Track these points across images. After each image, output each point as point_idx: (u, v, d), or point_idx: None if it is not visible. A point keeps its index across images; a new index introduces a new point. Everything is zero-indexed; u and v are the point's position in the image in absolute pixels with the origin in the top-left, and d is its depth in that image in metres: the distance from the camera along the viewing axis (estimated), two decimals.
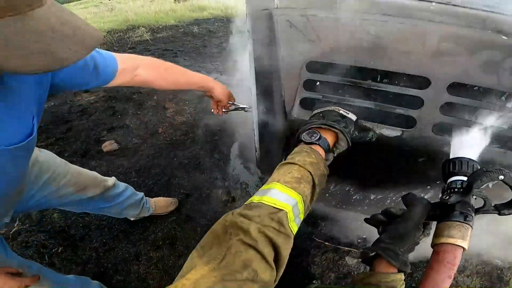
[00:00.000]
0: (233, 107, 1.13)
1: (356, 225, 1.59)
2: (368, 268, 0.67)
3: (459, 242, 0.52)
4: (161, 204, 1.72)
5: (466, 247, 0.52)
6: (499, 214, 0.58)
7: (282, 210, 0.56)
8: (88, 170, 1.22)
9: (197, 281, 0.41)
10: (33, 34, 0.39)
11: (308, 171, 0.63)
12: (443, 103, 0.75)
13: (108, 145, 2.15)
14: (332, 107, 0.77)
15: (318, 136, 0.70)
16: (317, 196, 0.66)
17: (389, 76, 0.78)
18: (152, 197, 1.72)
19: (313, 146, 0.69)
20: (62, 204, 1.15)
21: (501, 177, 0.56)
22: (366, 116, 0.82)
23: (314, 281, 1.51)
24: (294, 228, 0.58)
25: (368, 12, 0.74)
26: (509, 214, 0.58)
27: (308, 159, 0.65)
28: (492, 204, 0.58)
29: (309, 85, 0.86)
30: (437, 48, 0.70)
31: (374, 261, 0.64)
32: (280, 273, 0.53)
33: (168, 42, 4.05)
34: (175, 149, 2.18)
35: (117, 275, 1.52)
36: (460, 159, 0.64)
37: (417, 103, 0.77)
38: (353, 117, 0.76)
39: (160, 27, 4.61)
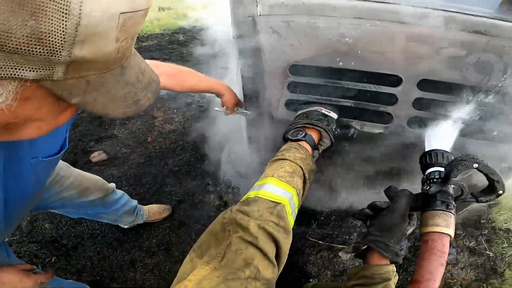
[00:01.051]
0: (238, 112, 1.16)
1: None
2: (362, 262, 0.68)
3: (444, 230, 0.54)
4: (154, 211, 1.73)
5: (452, 234, 0.54)
6: (477, 201, 0.61)
7: (280, 203, 0.56)
8: (90, 174, 1.24)
9: (199, 282, 0.40)
10: (128, 85, 0.40)
11: (299, 166, 0.65)
12: (414, 99, 0.81)
13: (97, 156, 2.14)
14: (315, 108, 0.82)
15: (304, 134, 0.73)
16: (307, 191, 0.67)
17: (366, 76, 0.84)
18: (144, 205, 1.73)
19: (300, 143, 0.72)
20: (64, 206, 1.16)
21: (476, 165, 0.59)
22: (347, 114, 0.87)
23: (311, 280, 1.53)
24: (292, 222, 0.58)
25: (343, 17, 0.79)
26: (486, 201, 0.61)
27: (298, 154, 0.67)
28: (469, 192, 0.61)
29: (292, 87, 0.90)
30: (405, 48, 0.76)
31: (366, 254, 0.66)
32: (281, 269, 0.53)
33: (154, 50, 4.05)
34: (165, 157, 2.19)
35: (114, 282, 1.52)
36: (435, 151, 0.68)
37: (393, 100, 0.83)
38: (334, 115, 0.81)
39: (145, 35, 4.60)
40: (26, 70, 0.30)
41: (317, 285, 1.47)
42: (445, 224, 0.55)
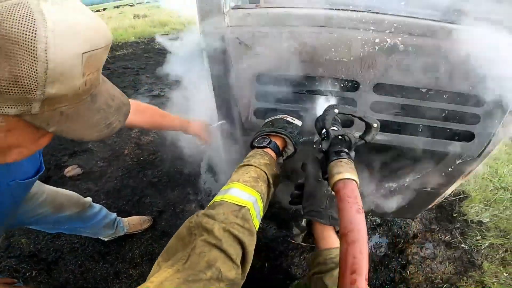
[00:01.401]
0: (214, 125, 1.16)
1: None
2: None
3: (346, 175, 0.55)
4: (135, 222, 1.71)
5: (355, 179, 0.55)
6: (365, 142, 0.67)
7: (244, 206, 0.58)
8: (64, 190, 1.23)
9: (161, 283, 0.41)
10: (99, 111, 0.45)
11: (264, 171, 0.68)
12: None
13: (71, 170, 2.08)
14: (280, 116, 0.85)
15: (268, 141, 0.76)
16: (272, 195, 0.70)
17: (327, 81, 0.88)
18: (124, 217, 1.70)
19: (266, 150, 0.75)
20: (39, 223, 1.15)
21: (336, 110, 0.67)
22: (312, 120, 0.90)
23: (296, 281, 1.56)
24: (257, 225, 0.60)
25: (304, 25, 0.83)
26: (372, 139, 0.67)
27: (263, 160, 0.70)
28: (357, 137, 0.67)
29: (260, 96, 0.93)
30: (361, 54, 0.80)
31: (313, 231, 0.69)
32: (247, 268, 0.55)
33: (129, 59, 3.99)
34: (143, 169, 2.15)
35: None
36: (317, 118, 0.72)
37: (353, 104, 0.87)
38: (299, 123, 0.85)
39: (120, 44, 4.53)
40: (8, 107, 0.35)
41: (300, 284, 1.49)
42: (344, 170, 0.56)
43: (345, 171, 0.56)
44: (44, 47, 0.33)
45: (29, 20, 0.33)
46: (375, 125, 0.65)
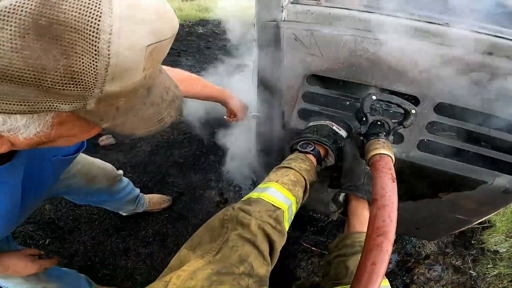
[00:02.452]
0: (251, 115, 1.16)
1: None
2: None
3: (382, 151, 0.60)
4: (155, 200, 1.74)
5: (390, 154, 0.60)
6: (404, 127, 0.71)
7: (280, 208, 0.58)
8: (100, 161, 1.23)
9: (193, 272, 0.41)
10: (153, 105, 0.41)
11: (303, 177, 0.67)
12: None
13: (105, 139, 2.16)
14: (327, 122, 0.81)
15: (312, 147, 0.75)
16: (304, 201, 0.69)
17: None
18: (146, 193, 1.73)
19: (308, 155, 0.74)
20: (69, 193, 1.16)
21: (374, 97, 0.71)
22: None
23: (299, 281, 1.54)
24: (287, 228, 0.60)
25: (367, 30, 0.78)
26: (410, 124, 0.70)
27: (304, 165, 0.69)
28: (394, 122, 0.72)
29: (308, 97, 0.89)
30: (429, 69, 0.74)
31: (347, 209, 0.72)
32: (272, 267, 0.54)
33: (173, 41, 4.07)
34: (171, 148, 2.19)
35: (104, 269, 1.53)
36: (357, 109, 0.76)
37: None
38: (344, 134, 0.81)
39: None
40: (62, 104, 0.32)
41: (303, 284, 1.48)
42: (380, 147, 0.61)
43: (382, 147, 0.61)
44: (108, 38, 0.28)
45: (93, 1, 0.28)
46: (413, 111, 0.68)
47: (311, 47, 0.81)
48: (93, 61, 0.29)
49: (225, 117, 1.26)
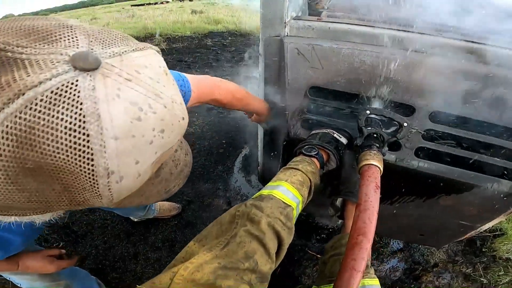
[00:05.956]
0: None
1: None
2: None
3: (371, 161, 0.66)
4: (165, 207, 1.79)
5: (378, 165, 0.66)
6: (398, 139, 0.78)
7: (290, 206, 0.61)
8: None
9: (200, 265, 0.42)
10: (161, 182, 0.40)
11: (309, 178, 0.70)
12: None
13: None
14: (328, 130, 0.86)
15: (316, 151, 0.79)
16: (307, 202, 0.72)
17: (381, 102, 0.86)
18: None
19: (312, 159, 0.77)
20: None
21: (368, 112, 0.78)
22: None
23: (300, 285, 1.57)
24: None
25: (365, 43, 0.82)
26: (403, 136, 0.78)
27: (309, 168, 0.73)
28: (389, 133, 0.79)
29: (310, 107, 0.94)
30: (425, 78, 0.77)
31: (343, 213, 0.77)
32: (278, 263, 0.56)
33: (183, 53, 4.20)
34: None
35: (114, 272, 1.57)
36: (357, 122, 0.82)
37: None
38: (344, 141, 0.86)
39: (177, 37, 4.78)
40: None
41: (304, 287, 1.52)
42: (371, 158, 0.67)
43: (372, 158, 0.66)
44: (107, 182, 0.26)
45: (80, 136, 0.24)
46: (405, 124, 0.76)
47: (313, 60, 0.86)
48: (97, 197, 0.28)
49: (249, 118, 1.23)
